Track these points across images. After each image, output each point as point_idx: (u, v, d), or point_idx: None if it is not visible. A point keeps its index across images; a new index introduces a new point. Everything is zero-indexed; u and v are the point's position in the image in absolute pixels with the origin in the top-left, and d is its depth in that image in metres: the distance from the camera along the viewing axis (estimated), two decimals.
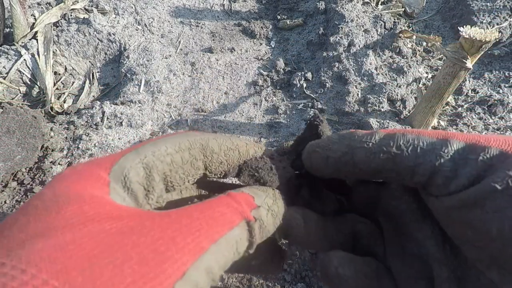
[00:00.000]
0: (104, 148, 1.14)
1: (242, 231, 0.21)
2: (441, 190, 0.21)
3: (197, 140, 0.25)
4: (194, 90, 1.35)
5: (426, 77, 1.41)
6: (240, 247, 0.20)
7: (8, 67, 1.23)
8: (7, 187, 1.02)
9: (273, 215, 0.24)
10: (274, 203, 0.24)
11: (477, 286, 0.21)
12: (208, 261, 0.18)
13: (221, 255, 0.19)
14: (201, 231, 0.18)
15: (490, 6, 1.51)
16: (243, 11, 1.68)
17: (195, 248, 0.17)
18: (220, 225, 0.19)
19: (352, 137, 0.24)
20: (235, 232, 0.20)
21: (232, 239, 0.20)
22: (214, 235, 0.19)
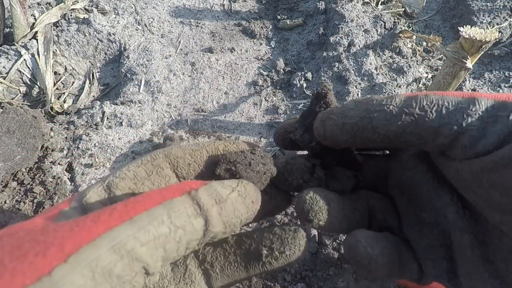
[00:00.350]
0: (104, 148, 1.14)
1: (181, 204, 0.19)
2: (467, 151, 0.20)
3: (159, 152, 0.25)
4: (194, 90, 1.35)
5: (426, 77, 1.41)
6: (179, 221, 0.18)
7: (8, 67, 1.23)
8: (7, 187, 1.02)
9: (240, 194, 0.22)
10: (240, 185, 0.23)
11: (499, 248, 0.21)
12: (115, 238, 0.16)
13: (141, 230, 0.17)
14: (111, 214, 0.17)
15: (490, 6, 1.51)
16: (243, 11, 1.68)
17: (94, 229, 0.16)
18: (140, 205, 0.18)
19: (370, 101, 0.23)
20: (164, 205, 0.18)
21: (160, 212, 0.18)
22: (129, 215, 0.17)
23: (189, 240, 0.19)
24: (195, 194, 0.20)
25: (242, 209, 0.22)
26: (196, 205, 0.19)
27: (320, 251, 0.88)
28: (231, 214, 0.21)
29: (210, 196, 0.20)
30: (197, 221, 0.19)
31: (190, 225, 0.19)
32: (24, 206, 0.99)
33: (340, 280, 0.85)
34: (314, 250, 0.89)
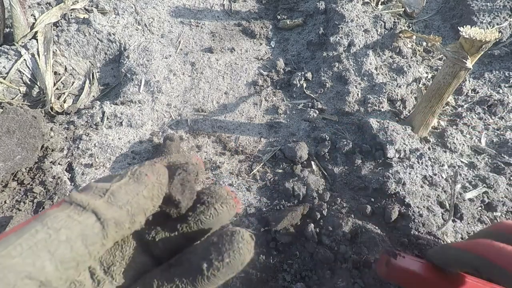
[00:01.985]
0: (104, 148, 1.14)
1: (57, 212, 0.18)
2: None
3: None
4: (194, 90, 1.35)
5: (426, 77, 1.41)
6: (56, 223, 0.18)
7: (8, 67, 1.23)
8: (7, 187, 1.02)
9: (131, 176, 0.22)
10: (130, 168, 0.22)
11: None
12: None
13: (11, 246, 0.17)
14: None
15: (490, 6, 1.51)
16: (243, 11, 1.68)
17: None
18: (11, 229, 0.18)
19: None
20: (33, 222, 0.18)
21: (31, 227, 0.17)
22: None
23: (83, 236, 0.18)
24: (69, 198, 0.19)
25: (137, 187, 0.21)
26: (76, 206, 0.19)
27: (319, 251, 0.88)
28: (124, 196, 0.20)
29: (91, 195, 0.20)
30: (83, 217, 0.19)
31: (75, 223, 0.18)
32: (24, 206, 0.99)
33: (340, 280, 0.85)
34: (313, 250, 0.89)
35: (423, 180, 1.06)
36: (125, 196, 0.20)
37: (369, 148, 1.12)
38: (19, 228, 0.18)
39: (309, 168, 1.10)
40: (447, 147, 1.16)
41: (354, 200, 1.02)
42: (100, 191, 0.20)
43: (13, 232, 0.17)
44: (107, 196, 0.20)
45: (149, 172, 0.22)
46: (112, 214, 0.19)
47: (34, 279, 0.16)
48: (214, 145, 1.19)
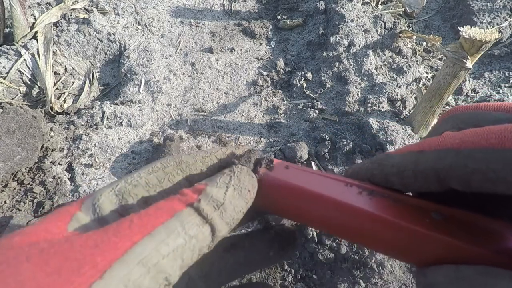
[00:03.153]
0: (104, 148, 1.14)
1: (189, 216, 0.20)
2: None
3: (170, 159, 0.25)
4: (194, 90, 1.35)
5: (426, 77, 1.41)
6: (192, 231, 0.20)
7: (8, 67, 1.23)
8: (7, 187, 1.02)
9: (236, 189, 0.23)
10: (233, 177, 0.23)
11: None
12: (143, 252, 0.17)
13: (162, 243, 0.18)
14: (131, 228, 0.18)
15: (490, 6, 1.51)
16: (243, 11, 1.68)
17: (121, 245, 0.17)
18: (154, 218, 0.19)
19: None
20: (177, 217, 0.19)
21: (174, 224, 0.19)
22: (148, 228, 0.18)
23: (201, 247, 0.20)
24: (197, 205, 0.21)
25: (241, 203, 0.23)
26: (200, 215, 0.21)
27: (319, 252, 0.88)
28: (232, 213, 0.22)
29: (209, 205, 0.21)
30: (205, 229, 0.21)
31: (201, 233, 0.20)
32: (24, 206, 0.99)
33: (340, 281, 0.85)
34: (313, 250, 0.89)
35: None
36: (232, 213, 0.22)
37: (369, 148, 1.12)
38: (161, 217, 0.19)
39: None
40: None
41: None
42: (215, 202, 0.22)
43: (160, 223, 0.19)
44: (220, 211, 0.22)
45: (250, 187, 0.24)
46: (222, 231, 0.21)
47: (168, 281, 0.18)
48: (214, 145, 1.19)
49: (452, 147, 0.20)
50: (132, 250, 0.17)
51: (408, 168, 0.23)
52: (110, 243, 0.17)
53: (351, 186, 0.25)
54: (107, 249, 0.17)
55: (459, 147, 0.20)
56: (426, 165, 0.21)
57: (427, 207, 0.23)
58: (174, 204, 0.20)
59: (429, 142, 0.22)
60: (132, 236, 0.18)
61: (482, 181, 0.18)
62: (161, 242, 0.18)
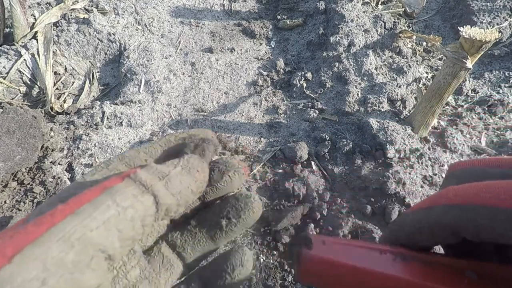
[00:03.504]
0: (104, 148, 1.14)
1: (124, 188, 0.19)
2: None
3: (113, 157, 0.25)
4: (194, 90, 1.35)
5: (426, 77, 1.41)
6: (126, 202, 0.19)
7: (8, 67, 1.23)
8: (7, 187, 1.02)
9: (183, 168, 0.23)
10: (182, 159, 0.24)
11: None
12: (61, 231, 0.17)
13: (88, 219, 0.18)
14: (54, 214, 0.17)
15: (490, 6, 1.51)
16: (243, 11, 1.68)
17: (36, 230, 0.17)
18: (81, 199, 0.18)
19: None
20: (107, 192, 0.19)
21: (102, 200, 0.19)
22: (72, 208, 0.18)
23: (142, 216, 0.20)
24: (134, 176, 0.20)
25: (189, 180, 0.23)
26: (140, 185, 0.20)
27: None
28: (179, 186, 0.22)
29: (152, 175, 0.21)
30: (145, 198, 0.20)
31: (139, 203, 0.20)
32: (24, 206, 0.99)
33: None
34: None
35: (423, 180, 1.06)
36: (179, 185, 0.22)
37: (369, 148, 1.12)
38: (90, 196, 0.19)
39: (309, 168, 1.10)
40: (447, 147, 1.16)
41: (354, 200, 1.02)
42: (160, 173, 0.22)
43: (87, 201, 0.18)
44: (165, 181, 0.21)
45: (199, 168, 0.24)
46: (166, 200, 0.21)
47: (105, 252, 0.18)
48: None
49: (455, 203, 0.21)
50: (50, 231, 0.17)
51: (422, 224, 0.24)
52: (26, 231, 0.17)
53: (385, 253, 0.27)
54: (20, 237, 0.16)
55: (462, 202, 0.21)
56: (435, 219, 0.22)
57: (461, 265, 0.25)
58: (107, 182, 0.20)
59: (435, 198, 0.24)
60: (52, 220, 0.17)
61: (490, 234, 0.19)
62: (87, 217, 0.18)
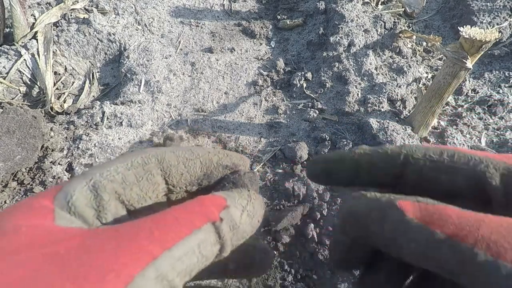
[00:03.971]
0: (104, 148, 1.14)
1: (207, 234, 0.20)
2: None
3: (152, 155, 0.24)
4: (194, 90, 1.35)
5: (426, 77, 1.41)
6: (205, 251, 0.20)
7: (8, 67, 1.23)
8: (7, 187, 1.02)
9: (249, 215, 0.23)
10: (249, 203, 0.23)
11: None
12: (160, 268, 0.17)
13: (179, 261, 0.18)
14: (151, 239, 0.18)
15: (490, 6, 1.51)
16: (243, 11, 1.68)
17: (142, 256, 0.17)
18: (175, 231, 0.19)
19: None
20: (196, 235, 0.19)
21: (193, 243, 0.19)
22: (168, 242, 0.18)
23: (206, 264, 0.20)
24: (219, 225, 0.21)
25: (248, 230, 0.23)
26: (218, 235, 0.21)
27: (319, 252, 0.88)
28: (240, 237, 0.22)
29: (227, 224, 0.21)
30: (216, 248, 0.21)
31: (211, 252, 0.20)
32: None
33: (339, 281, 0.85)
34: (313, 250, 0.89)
35: None
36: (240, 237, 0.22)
37: None
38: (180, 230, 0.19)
39: None
40: None
41: None
42: (232, 223, 0.22)
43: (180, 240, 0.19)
44: (233, 233, 0.22)
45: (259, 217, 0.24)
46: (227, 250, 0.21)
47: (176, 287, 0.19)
48: (214, 145, 1.19)
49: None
50: (152, 264, 0.17)
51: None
52: (132, 253, 0.17)
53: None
54: (129, 260, 0.17)
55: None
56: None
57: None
58: (193, 218, 0.20)
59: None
60: (152, 250, 0.17)
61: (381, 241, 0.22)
62: (178, 260, 0.18)
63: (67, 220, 0.19)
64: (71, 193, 0.20)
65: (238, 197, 0.23)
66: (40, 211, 0.19)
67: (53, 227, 0.18)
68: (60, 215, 0.19)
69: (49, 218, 0.19)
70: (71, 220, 0.19)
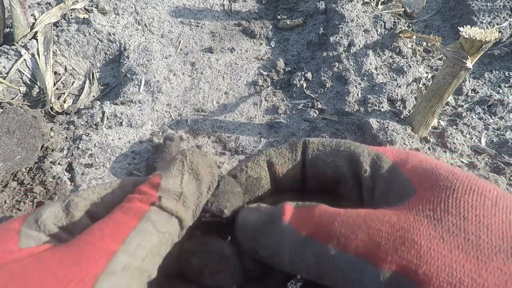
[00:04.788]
0: (104, 148, 1.14)
1: (156, 215, 0.20)
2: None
3: (131, 179, 0.24)
4: (194, 90, 1.35)
5: (426, 77, 1.41)
6: (163, 228, 0.20)
7: (8, 67, 1.23)
8: (7, 187, 1.02)
9: (191, 174, 0.23)
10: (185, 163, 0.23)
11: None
12: (123, 261, 0.18)
13: (138, 247, 0.19)
14: (104, 238, 0.18)
15: (490, 6, 1.51)
16: (243, 11, 1.68)
17: (102, 255, 0.17)
18: (124, 223, 0.19)
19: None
20: (145, 220, 0.20)
21: (146, 227, 0.19)
22: (121, 234, 0.19)
23: (173, 239, 0.21)
24: (159, 204, 0.21)
25: (203, 187, 0.23)
26: (166, 212, 0.21)
27: None
28: (193, 198, 0.22)
29: (170, 199, 0.21)
30: (174, 221, 0.21)
31: (171, 227, 0.21)
32: (24, 206, 0.99)
33: None
34: None
35: None
36: (192, 198, 0.22)
37: None
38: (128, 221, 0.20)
39: None
40: (447, 147, 1.16)
41: None
42: (175, 194, 0.22)
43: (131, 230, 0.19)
44: (182, 201, 0.22)
45: (204, 166, 0.24)
46: (188, 219, 0.22)
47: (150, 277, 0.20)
48: (214, 145, 1.19)
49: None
50: (114, 260, 0.18)
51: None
52: (89, 257, 0.17)
53: None
54: (88, 263, 0.17)
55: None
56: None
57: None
58: (136, 205, 0.20)
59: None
60: (109, 246, 0.18)
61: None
62: (138, 246, 0.19)
63: (34, 239, 0.20)
64: (42, 212, 0.21)
65: (173, 164, 0.23)
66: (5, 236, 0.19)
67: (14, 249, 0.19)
68: (27, 234, 0.20)
69: (14, 240, 0.19)
70: (39, 238, 0.20)
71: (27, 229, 0.20)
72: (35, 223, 0.20)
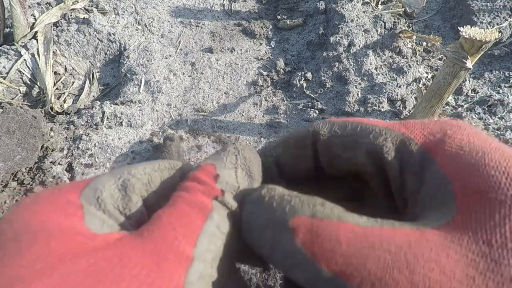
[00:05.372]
0: (104, 148, 1.14)
1: (219, 212, 0.19)
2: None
3: (175, 163, 0.24)
4: (194, 90, 1.35)
5: (426, 77, 1.41)
6: (225, 228, 0.19)
7: (8, 67, 1.23)
8: (7, 187, 1.02)
9: (243, 169, 0.22)
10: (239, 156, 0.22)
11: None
12: (198, 269, 0.17)
13: (207, 251, 0.18)
14: (179, 239, 0.17)
15: (490, 6, 1.51)
16: (243, 11, 1.68)
17: (181, 262, 0.17)
18: (192, 221, 0.18)
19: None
20: (212, 219, 0.19)
21: (212, 228, 0.19)
22: (193, 237, 0.18)
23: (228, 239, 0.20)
24: (222, 199, 0.20)
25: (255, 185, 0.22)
26: (225, 207, 0.20)
27: None
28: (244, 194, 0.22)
29: (229, 194, 0.21)
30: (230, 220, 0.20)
31: (230, 227, 0.20)
32: None
33: None
34: None
35: None
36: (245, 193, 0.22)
37: None
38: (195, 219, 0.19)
39: None
40: None
41: None
42: (232, 188, 0.21)
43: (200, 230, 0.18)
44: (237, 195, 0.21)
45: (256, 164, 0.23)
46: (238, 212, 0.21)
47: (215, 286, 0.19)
48: (214, 145, 1.19)
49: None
50: (191, 269, 0.17)
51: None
52: (168, 260, 0.17)
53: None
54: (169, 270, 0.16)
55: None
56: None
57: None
58: (199, 199, 0.19)
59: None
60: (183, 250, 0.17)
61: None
62: (206, 250, 0.18)
63: (97, 219, 0.18)
64: (101, 189, 0.19)
65: (225, 156, 0.22)
66: (67, 209, 0.18)
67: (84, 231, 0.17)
68: (89, 212, 0.18)
69: (78, 216, 0.18)
70: (102, 219, 0.19)
71: (88, 205, 0.18)
72: (95, 200, 0.19)
